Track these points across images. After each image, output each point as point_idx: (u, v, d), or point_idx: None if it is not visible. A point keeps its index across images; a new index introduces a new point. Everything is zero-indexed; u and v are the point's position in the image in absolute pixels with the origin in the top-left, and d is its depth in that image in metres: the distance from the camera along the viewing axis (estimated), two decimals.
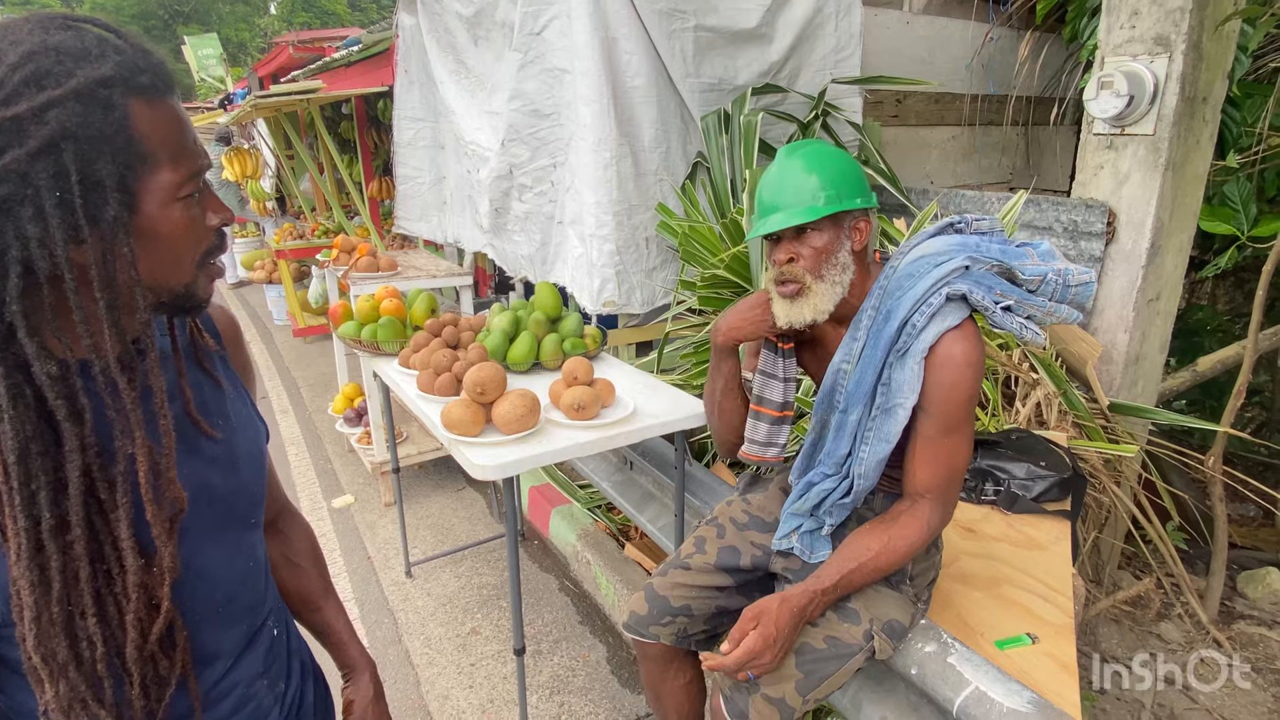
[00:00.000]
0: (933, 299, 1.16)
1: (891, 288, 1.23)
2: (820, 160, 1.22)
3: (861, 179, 1.24)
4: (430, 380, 1.80)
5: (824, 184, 1.20)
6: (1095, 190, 2.35)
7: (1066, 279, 1.20)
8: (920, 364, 1.16)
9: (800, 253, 1.23)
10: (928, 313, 1.16)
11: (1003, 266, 1.22)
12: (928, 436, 1.19)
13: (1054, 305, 1.21)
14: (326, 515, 3.21)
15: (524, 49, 2.85)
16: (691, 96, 2.75)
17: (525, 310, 2.13)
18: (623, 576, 2.39)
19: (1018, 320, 1.19)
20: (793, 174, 1.22)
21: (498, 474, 1.48)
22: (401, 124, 4.16)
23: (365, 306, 2.18)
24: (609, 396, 1.76)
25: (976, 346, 1.17)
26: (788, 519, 1.38)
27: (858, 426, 1.26)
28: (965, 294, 1.17)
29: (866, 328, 1.23)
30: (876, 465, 1.25)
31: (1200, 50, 2.08)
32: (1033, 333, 1.19)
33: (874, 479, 1.27)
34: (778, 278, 1.26)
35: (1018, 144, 4.09)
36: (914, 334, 1.16)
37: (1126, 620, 2.26)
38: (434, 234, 4.33)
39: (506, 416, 1.55)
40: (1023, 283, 1.21)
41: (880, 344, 1.20)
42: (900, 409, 1.19)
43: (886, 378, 1.20)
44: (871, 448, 1.24)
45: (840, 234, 1.22)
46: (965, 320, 1.17)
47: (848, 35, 2.94)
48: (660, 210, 2.78)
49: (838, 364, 1.28)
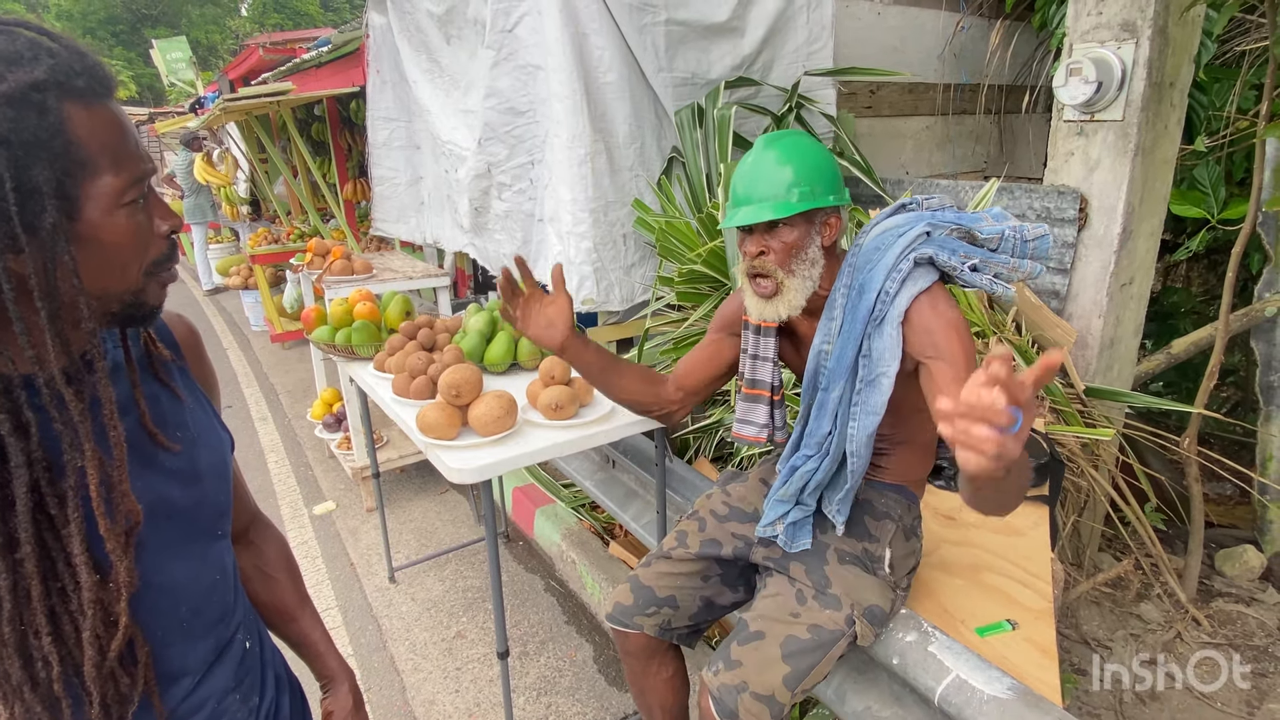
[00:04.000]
0: (902, 265, 1.21)
1: (860, 263, 1.25)
2: (796, 154, 1.22)
3: (836, 175, 1.25)
4: (405, 384, 1.78)
5: (798, 179, 1.20)
6: (1067, 177, 2.37)
7: (1023, 234, 1.26)
8: (897, 329, 1.19)
9: (771, 246, 1.24)
10: (898, 279, 1.20)
11: (962, 229, 1.26)
12: (950, 382, 1.15)
13: (1017, 261, 1.26)
14: (308, 522, 3.17)
15: (497, 46, 2.83)
16: (665, 91, 2.73)
17: None
18: (608, 574, 2.38)
19: (986, 277, 1.24)
20: (768, 166, 1.22)
21: (475, 477, 1.47)
22: (375, 124, 4.11)
23: (339, 310, 2.16)
24: (587, 395, 1.75)
25: (951, 303, 1.20)
26: (773, 506, 1.38)
27: (839, 404, 1.27)
28: (932, 256, 1.21)
29: (842, 305, 1.25)
30: (867, 440, 1.25)
31: (1166, 35, 2.10)
32: (1003, 287, 1.24)
33: (866, 456, 1.27)
34: (749, 270, 1.28)
35: (991, 132, 4.12)
36: (888, 301, 1.19)
37: (1107, 602, 2.29)
38: (412, 235, 4.29)
39: (483, 418, 1.54)
40: (983, 242, 1.26)
41: (858, 317, 1.22)
42: (884, 378, 1.20)
43: (866, 349, 1.22)
44: (860, 423, 1.25)
45: (811, 230, 1.24)
46: (935, 283, 1.21)
47: (819, 27, 2.94)
48: (636, 206, 2.77)
49: (818, 346, 1.29)
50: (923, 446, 1.39)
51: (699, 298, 2.56)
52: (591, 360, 1.45)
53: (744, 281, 1.30)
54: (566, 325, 1.41)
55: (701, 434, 2.53)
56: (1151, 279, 2.50)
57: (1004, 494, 1.00)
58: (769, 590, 1.37)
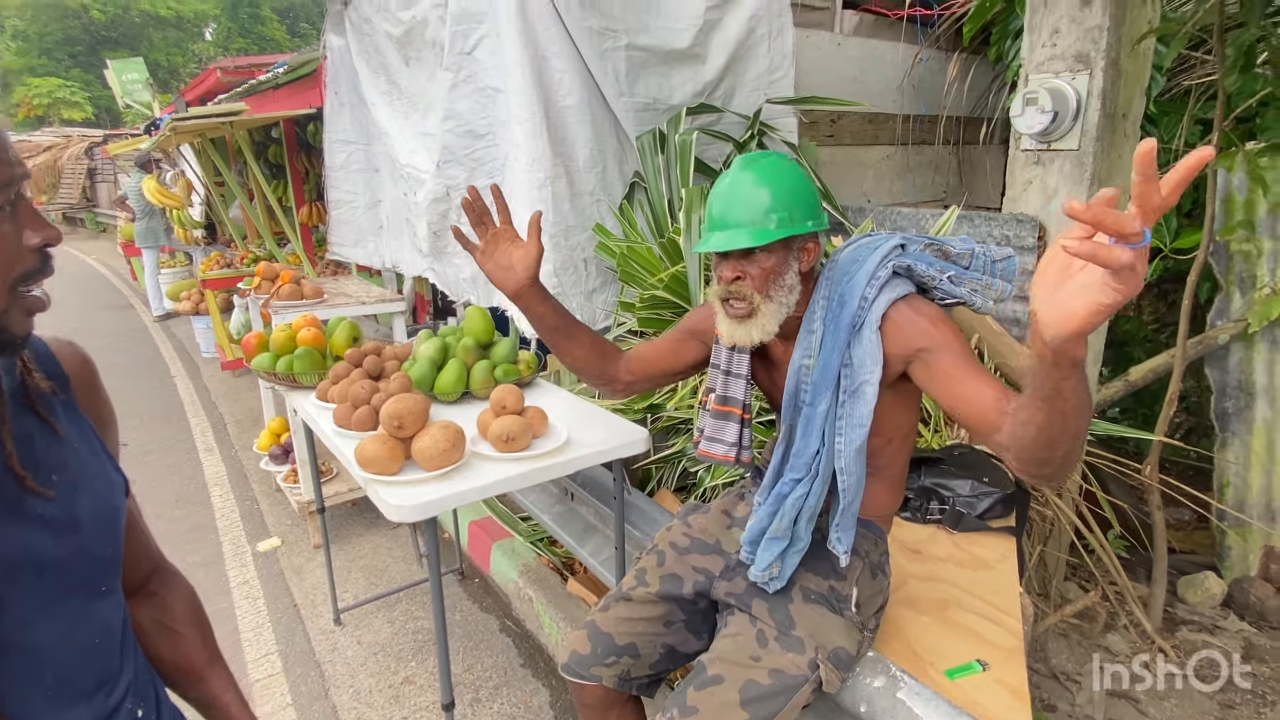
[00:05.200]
0: (880, 272, 1.19)
1: (838, 275, 1.23)
2: (775, 177, 1.18)
3: (815, 199, 1.22)
4: (347, 414, 1.68)
5: (776, 204, 1.16)
6: (1025, 205, 2.38)
7: (990, 255, 1.25)
8: (876, 334, 1.16)
9: (748, 272, 1.20)
10: (876, 284, 1.18)
11: (935, 246, 1.26)
12: (953, 365, 1.09)
13: (989, 279, 1.23)
14: (250, 560, 3.00)
15: (455, 68, 2.78)
16: (626, 116, 2.70)
17: (454, 336, 2.03)
18: (566, 614, 2.28)
19: (964, 290, 1.21)
20: (745, 188, 1.18)
21: (416, 515, 1.37)
22: (333, 147, 4.02)
23: (281, 337, 2.05)
24: (541, 425, 1.66)
25: (932, 304, 1.18)
26: (768, 545, 1.26)
27: (825, 419, 1.21)
28: (910, 266, 1.20)
29: (822, 317, 1.22)
30: (857, 455, 1.20)
31: (1119, 67, 2.13)
32: (983, 298, 1.22)
33: (859, 473, 1.21)
34: (724, 295, 1.23)
35: (950, 162, 4.18)
36: (867, 306, 1.17)
37: (1074, 634, 2.25)
38: (370, 259, 4.18)
39: (427, 451, 1.44)
40: (955, 258, 1.25)
41: (841, 325, 1.19)
42: (867, 386, 1.16)
43: (849, 359, 1.18)
44: (847, 437, 1.19)
45: (789, 255, 1.20)
46: (911, 293, 1.19)
47: (780, 56, 2.95)
48: (598, 231, 2.71)
49: (798, 361, 1.25)
50: (893, 479, 1.34)
51: (661, 323, 2.50)
52: (545, 314, 1.36)
53: (717, 305, 1.26)
54: (528, 272, 1.32)
55: (663, 464, 2.45)
56: None
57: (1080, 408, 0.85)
58: (729, 630, 1.30)
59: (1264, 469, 2.82)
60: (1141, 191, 0.64)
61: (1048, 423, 0.88)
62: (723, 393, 1.36)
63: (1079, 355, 0.79)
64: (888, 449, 1.28)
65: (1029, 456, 0.95)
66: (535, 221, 1.33)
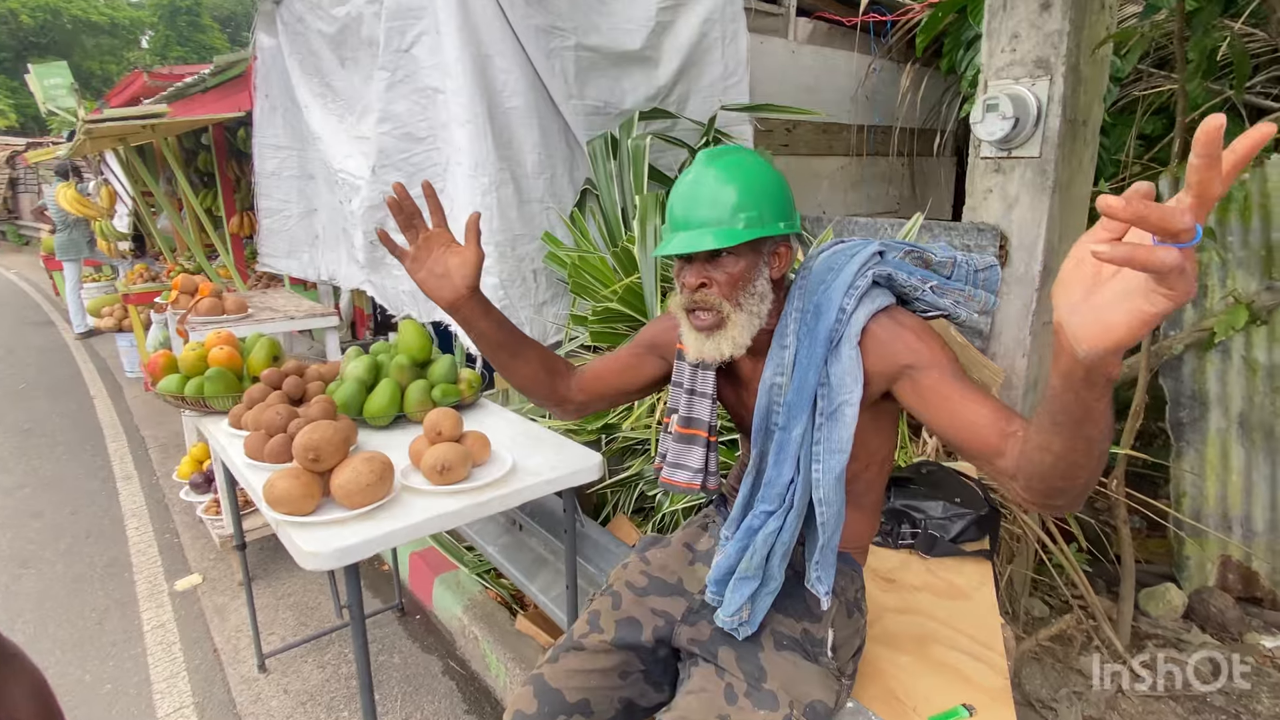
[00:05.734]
0: (859, 282, 1.07)
1: (812, 284, 1.10)
2: (742, 173, 1.05)
3: (787, 199, 1.09)
4: (260, 444, 1.49)
5: (744, 203, 1.03)
6: (985, 214, 2.32)
7: (973, 264, 1.16)
8: (855, 349, 1.04)
9: (713, 278, 1.06)
10: (855, 295, 1.06)
11: (916, 254, 1.15)
12: (942, 382, 0.98)
13: (971, 289, 1.14)
14: (167, 600, 2.73)
15: (391, 67, 2.60)
16: (576, 120, 2.57)
17: (387, 354, 1.85)
18: (515, 653, 2.10)
19: (948, 301, 1.11)
20: (709, 185, 1.05)
21: (334, 561, 1.19)
22: (263, 152, 3.79)
23: (191, 356, 1.84)
24: (482, 453, 1.50)
25: (915, 315, 1.07)
26: (738, 586, 1.12)
27: (800, 444, 1.08)
28: (891, 275, 1.09)
29: (795, 331, 1.09)
30: (836, 483, 1.07)
31: (1079, 73, 2.09)
32: (968, 311, 1.11)
33: (838, 502, 1.08)
34: (689, 305, 1.09)
35: (903, 174, 4.17)
36: (845, 319, 1.05)
37: (1048, 658, 2.18)
38: (304, 271, 3.94)
39: (347, 488, 1.27)
40: (937, 266, 1.15)
41: (818, 340, 1.06)
42: (846, 407, 1.04)
43: (825, 376, 1.06)
44: (825, 464, 1.06)
45: (759, 260, 1.07)
46: (893, 305, 1.08)
47: (735, 62, 2.86)
48: (547, 240, 2.57)
49: (770, 380, 1.12)
50: (870, 508, 1.22)
51: (615, 337, 2.36)
52: (487, 329, 1.19)
53: (681, 316, 1.12)
54: (466, 282, 1.14)
55: (619, 488, 2.31)
56: None
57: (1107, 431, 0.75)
58: (693, 684, 1.15)
59: (1219, 478, 2.82)
60: (1204, 179, 0.52)
61: (1070, 449, 0.76)
62: (686, 414, 1.22)
63: (1114, 373, 0.68)
64: (865, 475, 1.16)
65: (1044, 486, 0.83)
66: (473, 223, 1.15)
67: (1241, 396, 2.70)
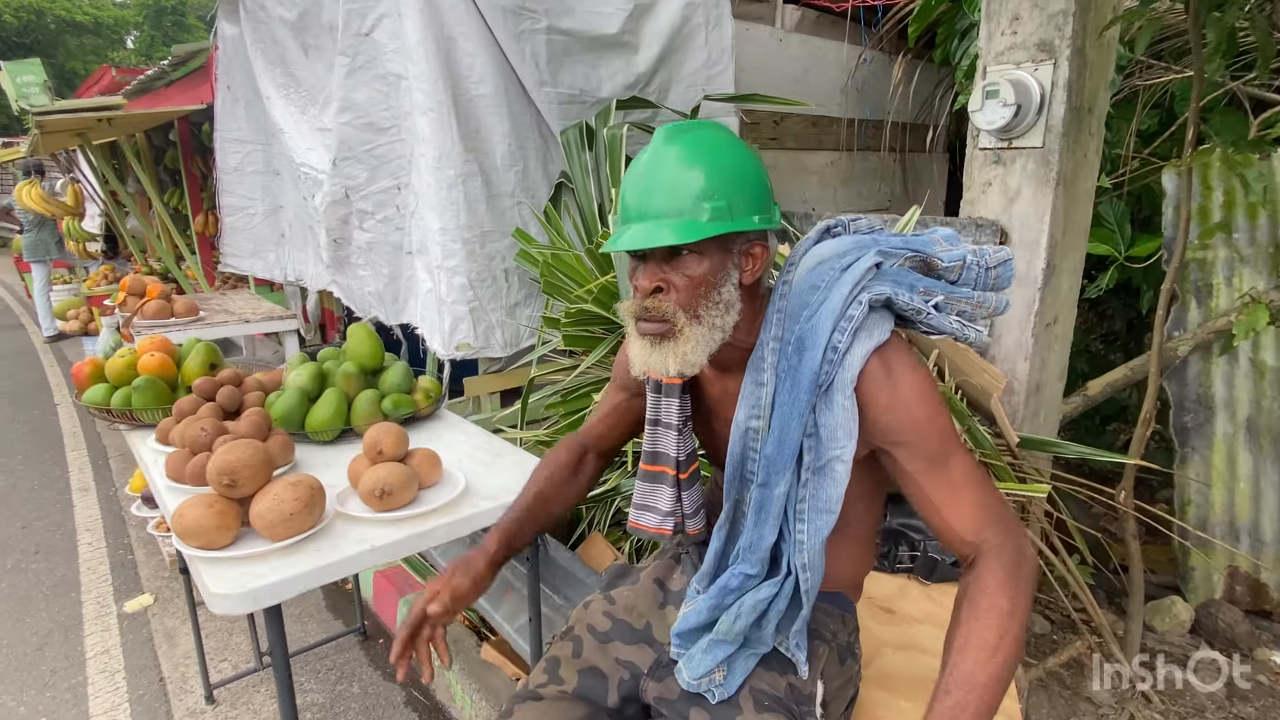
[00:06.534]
0: (853, 310, 0.88)
1: (794, 308, 0.91)
2: (710, 153, 0.87)
3: (763, 187, 0.91)
4: (181, 463, 1.32)
5: (711, 189, 0.85)
6: (984, 208, 2.18)
7: (984, 260, 0.98)
8: (851, 399, 0.87)
9: (671, 281, 0.89)
10: (849, 329, 0.87)
11: (917, 257, 0.96)
12: (924, 474, 0.88)
13: (981, 295, 0.98)
14: (114, 623, 2.55)
15: (351, 53, 2.44)
16: (549, 109, 2.41)
17: (335, 361, 1.68)
18: (481, 684, 1.94)
19: (953, 319, 0.94)
20: (669, 168, 0.87)
21: (247, 605, 1.03)
22: (226, 147, 3.61)
23: (119, 364, 1.67)
24: (431, 473, 1.34)
25: (911, 361, 0.89)
26: (711, 649, 0.97)
27: (786, 502, 0.92)
28: (890, 298, 0.90)
29: (773, 366, 0.91)
30: (821, 548, 0.92)
31: (1085, 57, 1.95)
32: (975, 331, 0.96)
33: (821, 567, 0.93)
34: (638, 312, 0.92)
35: (894, 170, 4.03)
36: (837, 359, 0.87)
37: (1055, 684, 2.04)
38: (270, 271, 3.76)
39: (267, 517, 1.10)
40: (942, 272, 0.97)
41: (800, 383, 0.88)
42: (838, 463, 0.88)
43: (813, 426, 0.89)
44: (810, 525, 0.91)
45: (727, 261, 0.89)
46: (892, 334, 0.90)
47: (719, 49, 2.71)
48: (519, 237, 2.41)
49: (744, 423, 0.94)
50: (862, 540, 1.06)
51: (590, 341, 2.20)
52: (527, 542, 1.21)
53: (629, 323, 0.94)
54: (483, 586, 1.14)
55: (595, 504, 2.15)
56: (1074, 319, 2.34)
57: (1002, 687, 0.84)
58: None
59: (1226, 486, 2.69)
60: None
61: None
62: (651, 448, 1.06)
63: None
64: (856, 507, 1.00)
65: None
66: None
67: (1249, 400, 2.57)
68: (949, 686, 0.83)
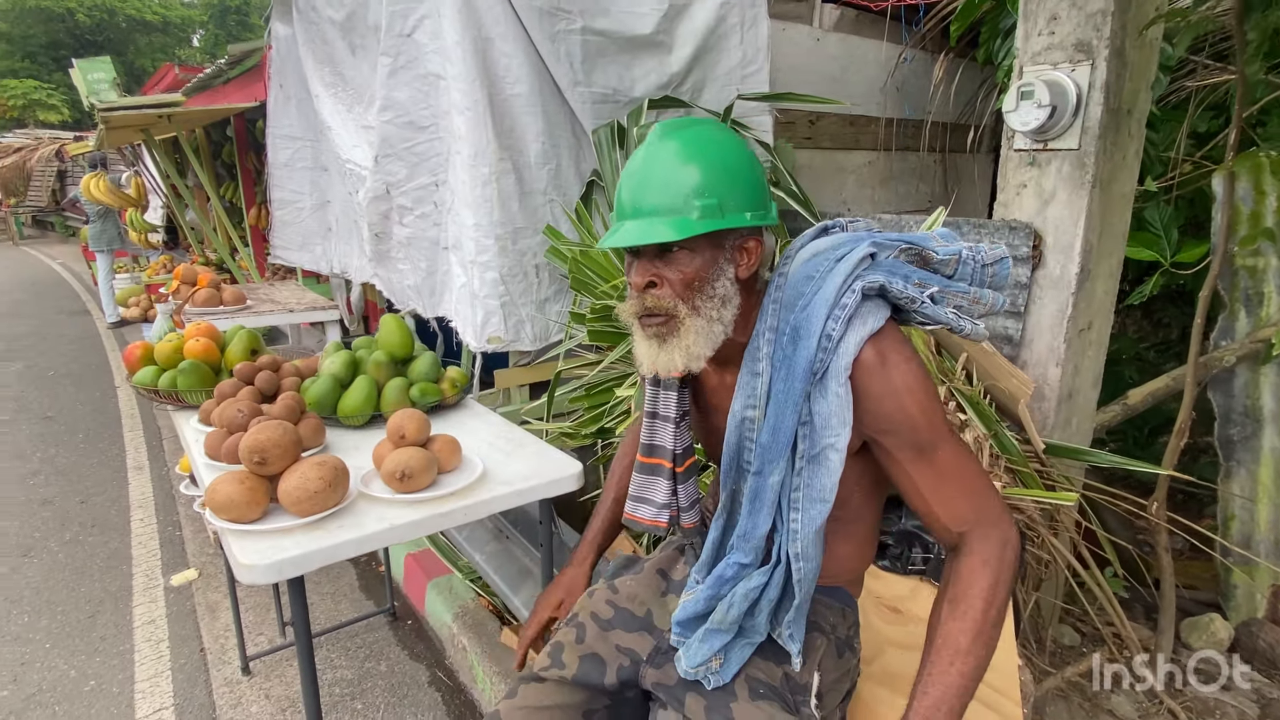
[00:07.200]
0: (846, 299, 0.89)
1: (789, 298, 0.93)
2: (704, 150, 0.89)
3: (757, 182, 0.93)
4: (218, 442, 1.40)
5: (704, 186, 0.87)
6: (1018, 211, 2.15)
7: (979, 258, 0.99)
8: (845, 386, 0.88)
9: (665, 277, 0.91)
10: (843, 316, 0.88)
11: (913, 250, 0.97)
12: (912, 463, 0.90)
13: (977, 290, 0.98)
14: (160, 596, 2.69)
15: (393, 53, 2.52)
16: (582, 108, 2.45)
17: (367, 350, 1.76)
18: (501, 667, 1.99)
19: (948, 310, 0.95)
20: (664, 164, 0.89)
21: (272, 575, 1.10)
22: (277, 143, 3.75)
23: (167, 348, 1.77)
24: (451, 458, 1.39)
25: (906, 351, 0.90)
26: (707, 638, 1.00)
27: (780, 490, 0.94)
28: (884, 285, 0.90)
29: (768, 356, 0.93)
30: (815, 537, 0.93)
31: (1124, 58, 1.91)
32: (970, 324, 0.96)
33: (817, 557, 0.95)
34: (638, 310, 0.95)
35: (935, 171, 3.97)
36: (831, 347, 0.88)
37: (1075, 695, 2.00)
38: (317, 264, 3.90)
39: (294, 494, 1.17)
40: (937, 266, 0.98)
41: (795, 372, 0.89)
42: (832, 452, 0.89)
43: (808, 414, 0.90)
44: (804, 514, 0.92)
45: (720, 256, 0.91)
46: (887, 323, 0.90)
47: (754, 49, 2.71)
48: (549, 234, 2.46)
49: (740, 413, 0.96)
50: (862, 535, 1.08)
51: (615, 337, 2.24)
52: (605, 549, 1.34)
53: (633, 324, 0.97)
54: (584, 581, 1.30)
55: None
56: (1110, 325, 2.28)
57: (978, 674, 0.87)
58: None
59: (1273, 502, 2.59)
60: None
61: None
62: (648, 440, 1.09)
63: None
64: (853, 499, 1.01)
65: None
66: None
67: None
68: (926, 686, 0.86)
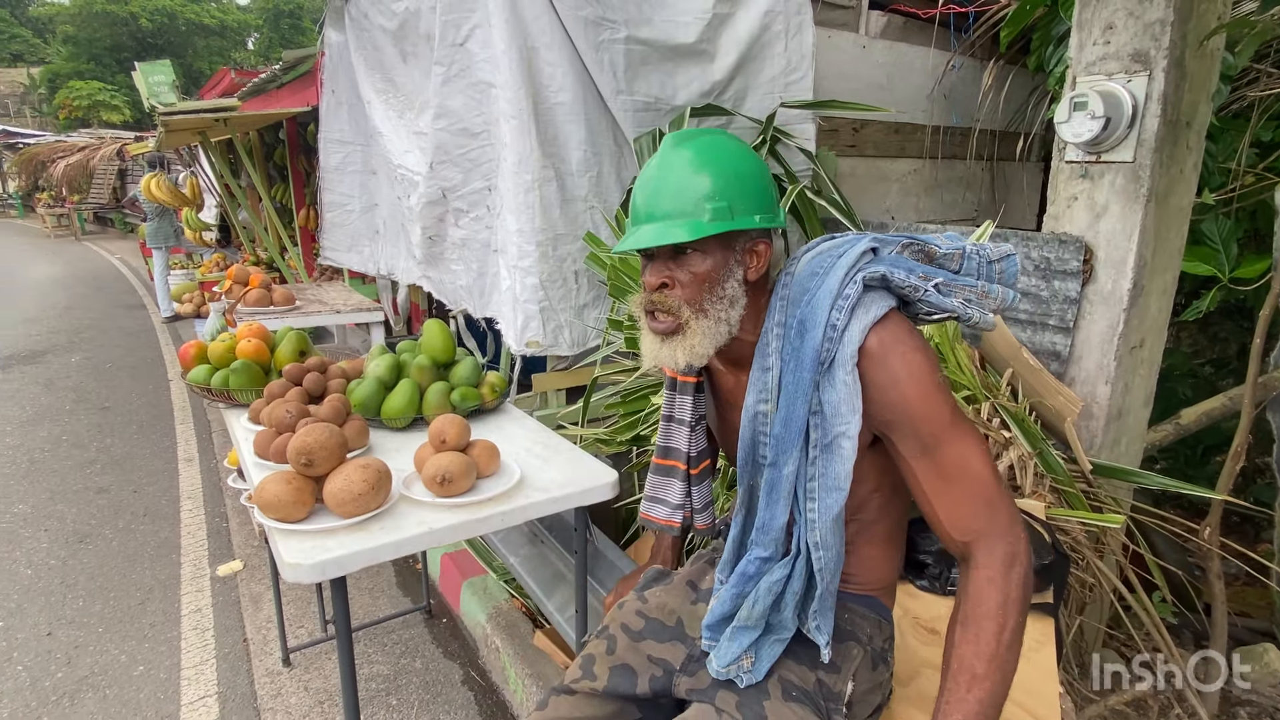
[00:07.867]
0: (849, 289, 0.91)
1: (795, 294, 0.96)
2: (716, 157, 0.93)
3: (766, 189, 0.96)
4: (268, 441, 1.45)
5: (715, 191, 0.91)
6: (1069, 224, 2.10)
7: (985, 254, 1.00)
8: (853, 374, 0.89)
9: (677, 278, 0.95)
10: (846, 306, 0.90)
11: (915, 245, 0.99)
12: (916, 459, 0.90)
13: (985, 284, 0.98)
14: (207, 585, 2.78)
15: (447, 62, 2.57)
16: (624, 116, 2.47)
17: (411, 353, 1.79)
18: (533, 670, 2.01)
19: (956, 300, 0.96)
20: (677, 172, 0.93)
21: (316, 575, 1.13)
22: (328, 147, 3.85)
23: (220, 348, 1.83)
24: (489, 463, 1.41)
25: (913, 338, 0.91)
26: (735, 635, 1.01)
27: (796, 480, 0.95)
28: (885, 275, 0.92)
29: (777, 350, 0.95)
30: (834, 525, 0.94)
31: (1183, 68, 1.86)
32: (980, 313, 0.96)
33: (837, 546, 0.95)
34: (647, 306, 0.99)
35: (982, 179, 3.89)
36: (836, 336, 0.90)
37: None
38: (364, 265, 3.99)
39: (339, 496, 1.20)
40: (941, 259, 1.00)
41: (804, 363, 0.92)
42: (844, 439, 0.90)
43: (818, 404, 0.92)
44: (820, 503, 0.93)
45: (729, 258, 0.95)
46: (891, 311, 0.92)
47: (799, 56, 2.70)
48: (589, 240, 2.48)
49: (753, 408, 0.98)
50: (886, 537, 1.06)
51: None
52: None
53: (641, 318, 1.01)
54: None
55: None
56: (1163, 342, 2.21)
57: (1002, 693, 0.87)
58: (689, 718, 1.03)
59: None
60: None
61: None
62: (664, 442, 1.11)
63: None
64: (875, 499, 1.01)
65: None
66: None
67: None
68: (947, 712, 0.86)
